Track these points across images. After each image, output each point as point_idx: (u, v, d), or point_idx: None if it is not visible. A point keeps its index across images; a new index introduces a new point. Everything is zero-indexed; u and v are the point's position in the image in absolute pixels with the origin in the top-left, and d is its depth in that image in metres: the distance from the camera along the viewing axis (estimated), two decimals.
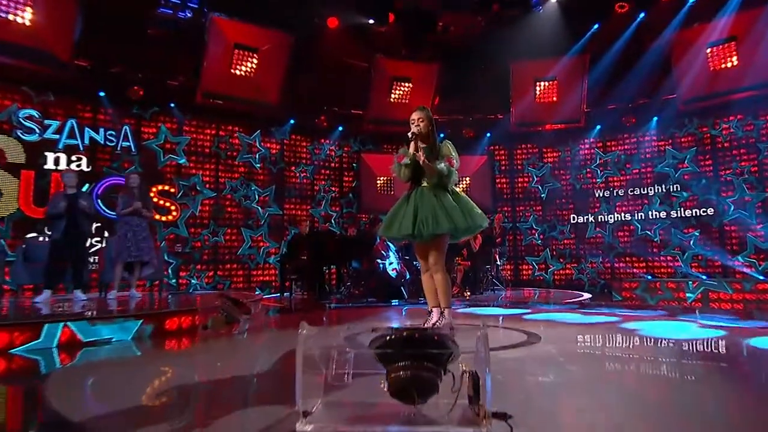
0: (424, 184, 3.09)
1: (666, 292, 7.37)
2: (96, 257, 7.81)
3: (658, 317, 4.93)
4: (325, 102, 10.36)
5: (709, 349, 3.18)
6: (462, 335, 1.79)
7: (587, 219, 10.50)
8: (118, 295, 5.89)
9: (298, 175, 10.37)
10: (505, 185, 11.24)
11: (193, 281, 9.30)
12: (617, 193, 10.32)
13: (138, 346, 3.69)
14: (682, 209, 9.66)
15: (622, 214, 10.26)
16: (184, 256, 9.26)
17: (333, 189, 10.83)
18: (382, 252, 7.08)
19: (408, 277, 7.12)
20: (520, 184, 11.16)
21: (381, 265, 7.11)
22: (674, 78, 9.31)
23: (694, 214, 9.55)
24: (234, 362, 3.08)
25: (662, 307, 6.42)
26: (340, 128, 10.76)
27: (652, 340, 3.48)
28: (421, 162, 3.06)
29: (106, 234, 7.90)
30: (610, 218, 10.36)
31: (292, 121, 10.28)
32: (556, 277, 10.78)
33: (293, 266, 8.36)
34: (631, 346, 3.18)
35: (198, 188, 9.47)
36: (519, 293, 8.78)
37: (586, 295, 7.80)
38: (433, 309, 3.28)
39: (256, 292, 9.65)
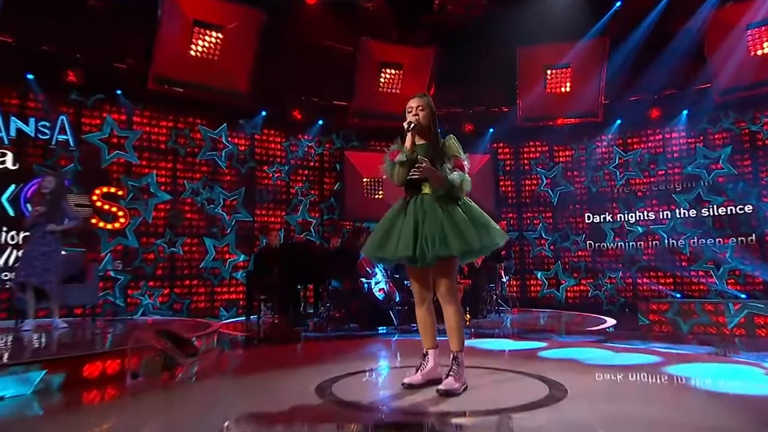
0: (426, 190, 2.70)
1: (702, 315, 6.79)
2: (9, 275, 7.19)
3: (708, 357, 4.42)
4: (303, 91, 9.85)
5: None
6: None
7: (605, 227, 10.07)
8: (40, 323, 5.27)
9: (271, 175, 9.80)
10: (510, 188, 10.83)
11: (144, 301, 8.64)
12: (640, 197, 9.90)
13: (41, 403, 3.09)
14: (715, 216, 9.26)
15: (646, 222, 9.82)
16: (134, 271, 8.56)
17: (312, 192, 10.22)
18: (368, 269, 6.61)
19: (398, 299, 6.66)
20: (527, 187, 10.75)
21: (366, 285, 6.65)
22: (708, 65, 8.89)
23: (729, 223, 9.19)
24: (168, 427, 2.61)
25: (705, 338, 6.02)
26: (320, 122, 10.21)
27: (719, 398, 2.91)
28: (419, 173, 2.63)
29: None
30: (632, 227, 9.92)
31: (263, 113, 9.71)
32: (569, 294, 10.31)
33: (261, 284, 7.85)
34: (691, 408, 2.65)
35: (151, 190, 8.85)
36: (528, 317, 8.33)
37: (610, 322, 7.32)
38: (429, 351, 2.88)
39: (221, 315, 9.06)
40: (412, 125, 2.69)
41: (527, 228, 10.57)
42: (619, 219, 9.98)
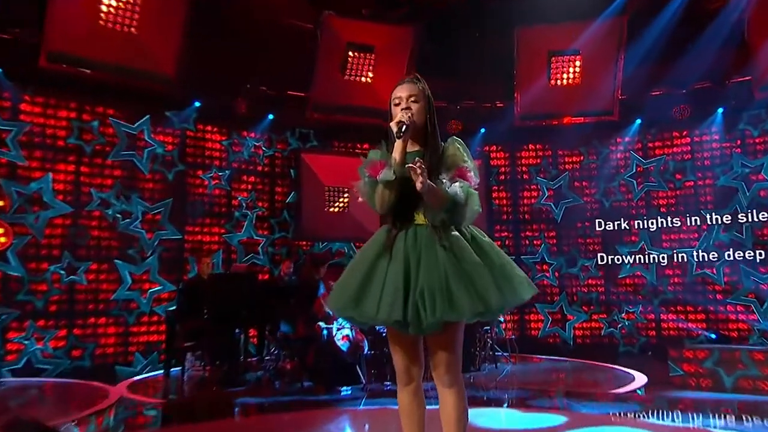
0: (419, 221, 2.26)
1: (750, 366, 6.27)
2: None
3: None
4: (249, 78, 9.22)
5: None
6: None
7: (621, 250, 9.67)
8: None
9: (206, 183, 9.09)
10: (504, 201, 10.46)
11: (30, 347, 7.56)
12: (663, 214, 9.55)
13: None
14: (757, 239, 8.93)
15: (671, 245, 9.42)
16: (18, 306, 7.52)
17: (260, 204, 9.56)
18: (327, 310, 6.02)
19: (367, 349, 6.12)
20: (525, 200, 10.38)
21: (325, 331, 6.08)
22: (749, 54, 8.42)
23: None
24: None
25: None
26: (271, 116, 9.56)
27: None
28: (418, 185, 2.11)
29: None
30: (654, 250, 9.51)
31: (197, 104, 8.98)
32: (577, 333, 9.80)
33: (187, 328, 6.94)
34: None
35: (45, 200, 7.85)
36: (532, 369, 7.80)
37: (639, 378, 6.69)
38: None
39: (135, 363, 8.14)
40: (405, 127, 2.20)
41: (526, 250, 10.16)
42: (638, 240, 9.62)
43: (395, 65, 9.47)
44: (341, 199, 9.88)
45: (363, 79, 9.50)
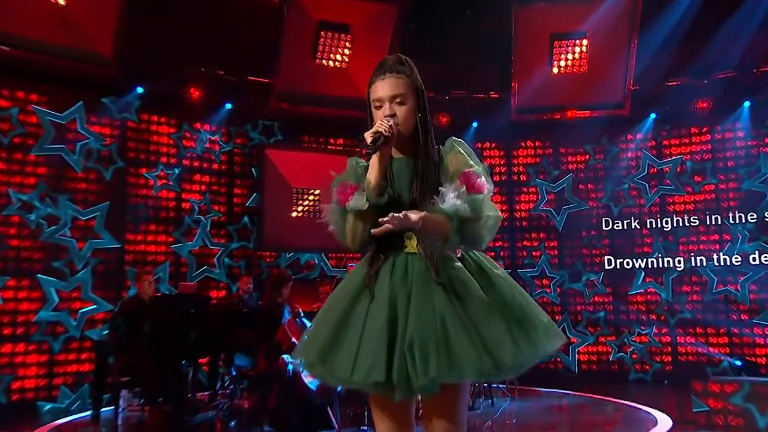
0: (410, 248, 2.01)
1: None
2: None
3: None
4: (204, 60, 8.83)
5: None
6: None
7: (632, 263, 9.51)
8: None
9: (152, 182, 8.66)
10: (498, 206, 9.19)
11: None
12: (680, 222, 9.40)
13: None
14: None
15: (688, 256, 9.27)
16: None
17: (215, 208, 9.16)
18: (294, 340, 5.65)
19: (339, 389, 5.68)
20: (523, 205, 10.20)
21: (291, 365, 5.73)
22: None
23: None
24: None
25: None
26: (229, 106, 9.20)
27: None
28: (413, 221, 1.90)
29: None
30: (669, 263, 9.34)
31: (140, 90, 8.55)
32: (582, 357, 9.53)
33: (123, 359, 6.58)
34: None
35: None
36: (535, 406, 7.46)
37: (662, 421, 6.25)
38: None
39: (61, 399, 7.60)
40: (381, 139, 1.93)
41: (523, 263, 9.96)
42: (651, 252, 9.46)
43: (374, 48, 9.16)
44: (311, 203, 9.62)
45: (337, 63, 9.29)
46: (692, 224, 9.31)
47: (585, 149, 9.93)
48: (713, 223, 9.17)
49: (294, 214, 9.51)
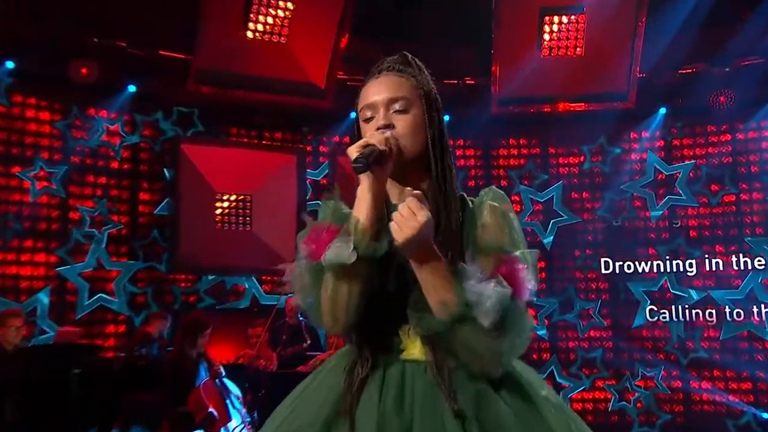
0: (412, 351, 1.70)
1: None
2: None
3: None
4: (98, 27, 8.30)
5: None
6: None
7: (635, 290, 9.24)
8: None
9: (28, 185, 8.08)
10: None
11: None
12: (693, 239, 9.16)
13: None
14: None
15: (703, 283, 8.98)
16: None
17: (114, 219, 8.54)
18: (210, 410, 5.54)
19: None
20: None
21: None
22: None
23: None
24: None
25: None
26: (132, 88, 8.60)
27: None
28: (402, 235, 1.61)
29: None
30: (680, 290, 9.03)
31: (9, 64, 7.97)
32: (575, 406, 9.01)
33: None
34: None
35: None
36: None
37: None
38: None
39: None
40: (373, 156, 1.59)
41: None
42: (658, 276, 9.18)
43: (321, 21, 8.82)
44: (240, 212, 9.10)
45: (275, 38, 8.69)
46: (708, 243, 9.07)
47: (580, 150, 9.64)
48: (734, 241, 8.94)
49: (218, 226, 8.96)
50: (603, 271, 9.35)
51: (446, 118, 6.70)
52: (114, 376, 6.29)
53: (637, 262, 9.23)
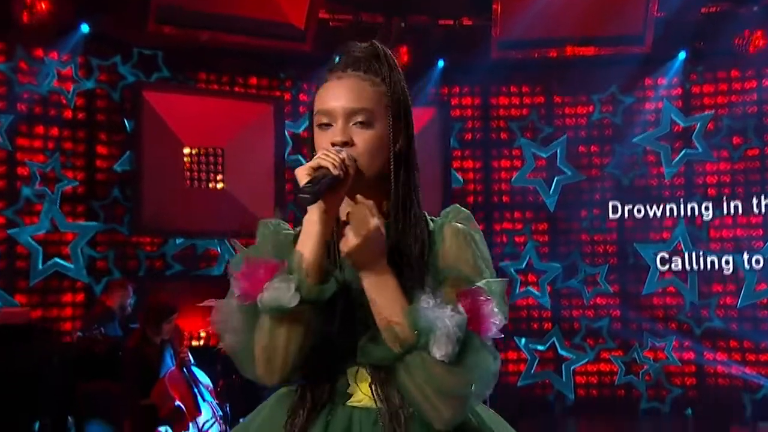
0: (359, 397, 1.67)
1: None
2: None
3: None
4: None
5: None
6: None
7: (645, 254, 9.10)
8: None
9: None
10: (471, 174, 9.86)
11: None
12: (712, 198, 8.95)
13: None
14: None
15: (722, 247, 8.84)
16: None
17: (69, 175, 8.20)
18: (178, 403, 5.38)
19: None
20: (503, 173, 9.75)
21: None
22: None
23: None
24: None
25: None
26: (86, 28, 8.18)
27: None
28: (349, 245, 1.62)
29: None
30: (695, 254, 8.88)
31: None
32: (578, 379, 9.05)
33: None
34: None
35: None
36: None
37: None
38: None
39: None
40: (326, 179, 1.52)
41: (502, 251, 9.46)
42: (670, 238, 9.03)
43: None
44: (212, 169, 8.80)
45: None
46: (728, 201, 8.82)
47: (588, 99, 9.37)
48: (756, 201, 8.68)
49: (186, 183, 8.69)
50: (611, 234, 9.23)
51: (440, 63, 6.33)
52: (67, 362, 6.14)
53: (648, 224, 9.08)
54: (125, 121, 8.41)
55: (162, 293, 7.09)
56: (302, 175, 1.46)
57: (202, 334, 8.12)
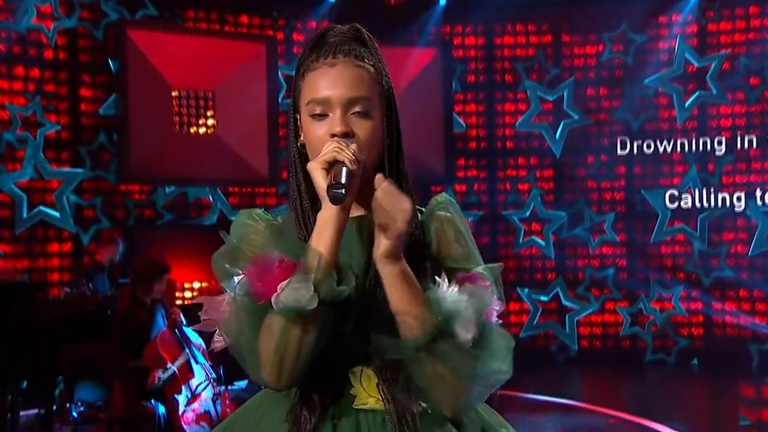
0: (362, 398, 1.65)
1: None
2: None
3: None
4: None
5: None
6: None
7: (654, 201, 9.02)
8: None
9: None
10: (474, 118, 9.69)
11: None
12: (725, 144, 8.73)
13: None
14: None
15: (734, 192, 8.69)
16: None
17: (52, 119, 8.02)
18: (170, 364, 5.27)
19: None
20: (507, 117, 9.59)
21: (162, 408, 5.25)
22: None
23: None
24: None
25: None
26: None
27: None
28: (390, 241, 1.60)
29: None
30: (706, 200, 8.75)
31: None
32: (582, 330, 9.06)
33: None
34: None
35: None
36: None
37: None
38: None
39: None
40: (342, 194, 1.50)
41: (505, 200, 9.47)
42: (681, 183, 8.92)
43: None
44: (202, 113, 8.59)
45: None
46: (743, 146, 8.64)
47: (598, 38, 9.16)
48: None
49: (176, 128, 8.46)
50: (618, 180, 9.11)
51: (442, 0, 6.01)
52: (55, 322, 5.94)
53: (658, 169, 8.94)
54: (109, 61, 8.21)
55: (153, 250, 6.94)
56: (318, 171, 1.46)
57: (195, 286, 8.03)
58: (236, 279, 1.52)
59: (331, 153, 1.46)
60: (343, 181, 1.42)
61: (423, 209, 1.69)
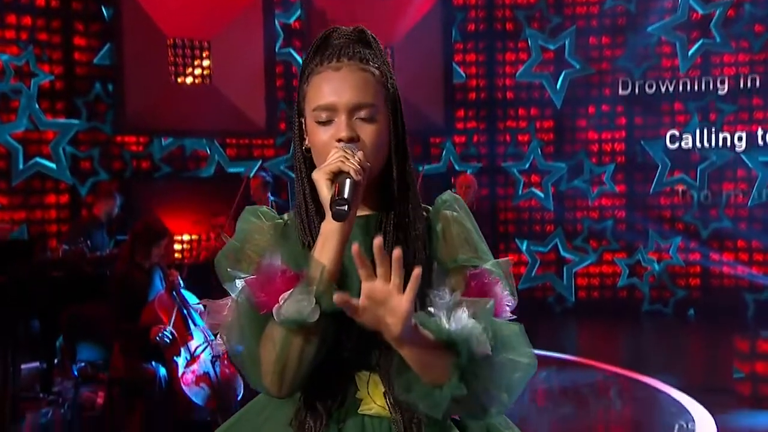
0: (367, 405, 1.65)
1: None
2: None
3: None
4: None
5: None
6: None
7: (653, 151, 9.03)
8: None
9: None
10: (473, 68, 9.66)
11: None
12: (728, 91, 8.72)
13: None
14: None
15: (734, 140, 8.68)
16: None
17: (45, 69, 8.00)
18: (165, 328, 5.25)
19: (241, 395, 5.40)
20: (507, 67, 9.56)
21: (163, 369, 5.26)
22: None
23: None
24: None
25: None
26: None
27: None
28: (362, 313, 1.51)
29: None
30: (707, 148, 8.78)
31: None
32: (580, 281, 9.20)
33: None
34: None
35: None
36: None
37: (699, 417, 5.36)
38: None
39: None
40: (345, 211, 1.48)
41: (504, 152, 9.40)
42: (681, 134, 8.90)
43: None
44: (199, 63, 8.51)
45: None
46: (744, 95, 8.61)
47: None
48: None
49: (172, 78, 8.40)
50: (619, 131, 9.09)
51: None
52: (54, 281, 5.95)
53: (659, 119, 8.90)
54: (103, 9, 8.11)
55: (150, 217, 7.01)
56: (322, 181, 1.44)
57: (185, 238, 7.97)
58: (239, 283, 1.53)
59: (336, 163, 1.46)
60: (347, 195, 1.41)
61: (429, 208, 1.69)
